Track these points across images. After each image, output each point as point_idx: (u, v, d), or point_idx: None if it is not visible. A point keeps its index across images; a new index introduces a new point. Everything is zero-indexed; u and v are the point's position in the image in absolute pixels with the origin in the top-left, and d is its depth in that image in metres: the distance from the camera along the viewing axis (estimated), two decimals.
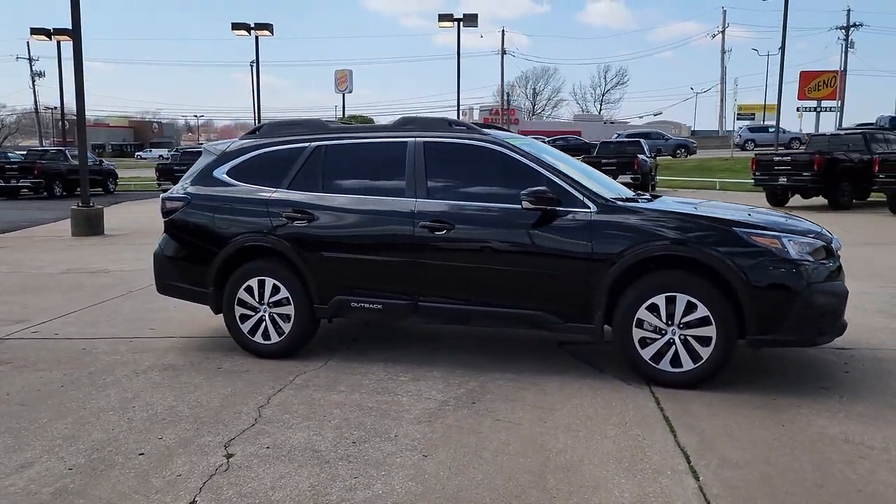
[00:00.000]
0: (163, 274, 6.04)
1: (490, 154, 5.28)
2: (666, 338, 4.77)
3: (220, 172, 5.87)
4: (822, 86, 59.41)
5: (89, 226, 15.13)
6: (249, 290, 5.61)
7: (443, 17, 31.69)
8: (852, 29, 53.09)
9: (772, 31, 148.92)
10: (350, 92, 78.04)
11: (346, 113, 76.32)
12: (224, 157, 5.91)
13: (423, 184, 5.27)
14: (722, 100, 57.13)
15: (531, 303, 5.04)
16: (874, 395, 4.70)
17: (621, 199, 5.11)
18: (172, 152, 38.35)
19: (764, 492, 3.38)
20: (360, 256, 5.37)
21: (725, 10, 66.18)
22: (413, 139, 5.41)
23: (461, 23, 31.23)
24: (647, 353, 4.82)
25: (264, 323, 5.61)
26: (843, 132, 23.31)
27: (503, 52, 48.46)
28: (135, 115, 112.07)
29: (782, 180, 19.19)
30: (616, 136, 44.61)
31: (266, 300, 5.58)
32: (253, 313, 5.63)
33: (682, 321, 4.71)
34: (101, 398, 4.84)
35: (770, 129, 42.22)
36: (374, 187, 5.45)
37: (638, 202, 5.17)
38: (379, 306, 5.35)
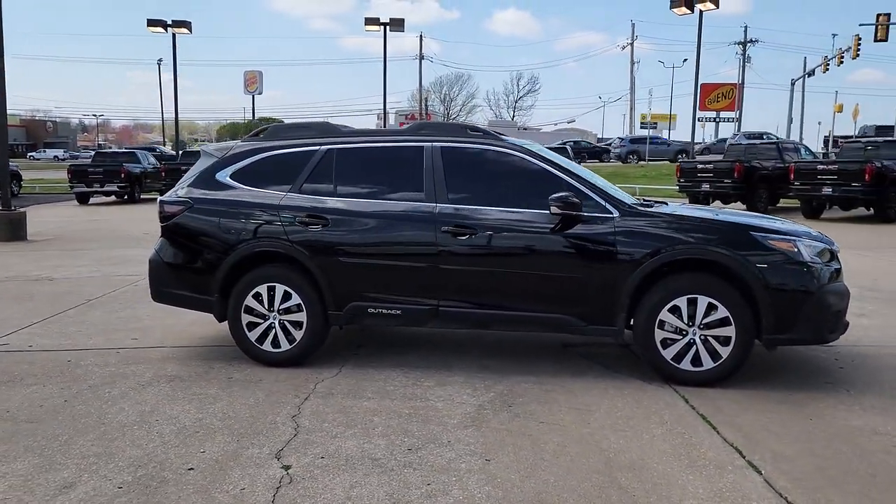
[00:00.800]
0: (160, 281, 5.77)
1: (510, 160, 5.33)
2: (687, 338, 4.94)
3: (224, 176, 5.67)
4: (720, 97, 62.53)
5: (12, 230, 14.24)
6: (258, 296, 5.44)
7: (369, 21, 31.53)
8: (749, 44, 56.20)
9: (675, 44, 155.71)
10: (260, 93, 76.43)
11: (256, 115, 74.73)
12: (227, 160, 5.72)
13: (442, 189, 5.27)
14: (632, 109, 59.23)
15: (555, 306, 5.12)
16: (875, 388, 5.02)
17: (641, 205, 5.27)
18: (70, 153, 36.43)
19: (826, 483, 3.56)
20: (378, 262, 5.31)
21: (634, 23, 68.73)
22: (430, 144, 5.40)
23: (387, 27, 31.21)
24: (668, 354, 4.98)
25: (274, 331, 5.45)
26: (757, 142, 24.56)
27: (421, 57, 48.60)
28: (24, 114, 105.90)
29: (705, 187, 20.12)
30: (619, 139, 45.26)
31: (276, 307, 5.43)
32: (261, 321, 5.47)
33: (702, 322, 4.90)
34: (116, 412, 4.60)
35: (764, 137, 43.67)
36: (391, 192, 5.40)
37: (652, 207, 5.34)
38: (398, 311, 5.30)
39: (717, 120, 65.05)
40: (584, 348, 5.97)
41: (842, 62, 45.36)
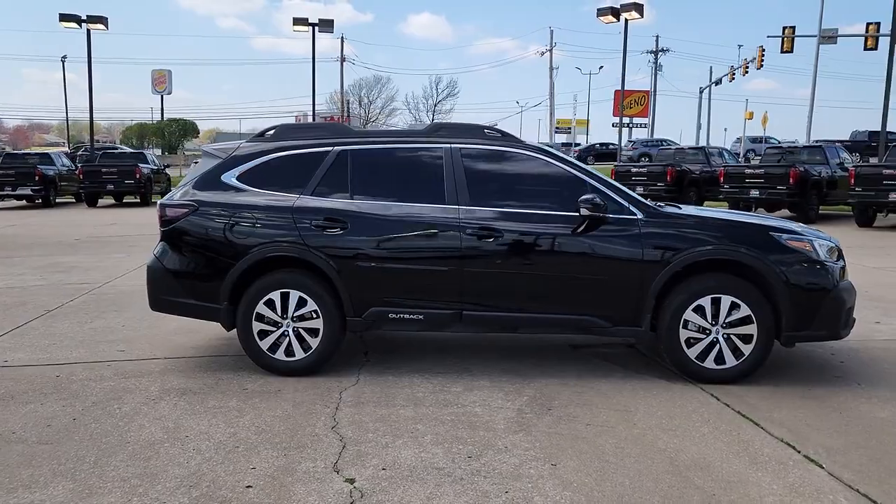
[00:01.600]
0: (160, 288, 5.44)
1: (531, 162, 5.31)
2: (710, 337, 5.03)
3: (230, 177, 5.41)
4: (633, 104, 64.57)
5: None
6: (270, 303, 5.21)
7: (297, 21, 30.91)
8: (660, 53, 58.29)
9: (590, 51, 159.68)
10: (169, 93, 74.02)
11: (166, 115, 72.22)
12: (233, 161, 5.46)
13: (464, 191, 5.19)
14: (551, 114, 60.43)
15: (581, 308, 5.12)
16: (882, 380, 5.25)
17: (661, 206, 5.34)
18: None
19: (887, 474, 3.69)
20: (401, 266, 5.18)
21: (552, 30, 70.68)
22: (448, 145, 5.31)
23: (316, 28, 30.69)
24: (692, 353, 5.06)
25: (287, 339, 5.24)
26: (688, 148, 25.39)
27: (342, 60, 48.01)
28: None
29: (639, 189, 20.67)
30: (631, 143, 45.03)
31: (290, 314, 5.22)
32: (274, 329, 5.24)
33: (725, 321, 5.00)
34: (136, 430, 4.30)
35: (769, 141, 44.38)
36: (410, 194, 5.28)
37: (672, 208, 5.41)
38: (420, 316, 5.19)
39: (631, 126, 67.08)
40: (593, 349, 6.00)
41: (747, 72, 47.64)
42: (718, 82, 52.39)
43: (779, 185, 18.18)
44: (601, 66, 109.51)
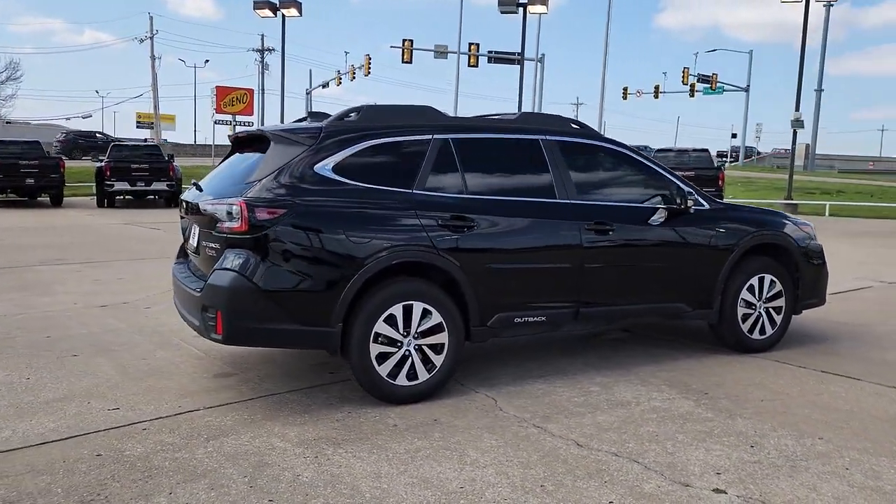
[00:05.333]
0: (249, 315, 4.09)
1: (616, 156, 5.34)
2: (756, 312, 5.69)
3: (325, 168, 4.32)
4: (236, 101, 63.55)
5: None
6: (391, 319, 4.35)
7: None
8: (266, 53, 58.45)
9: (196, 44, 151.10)
10: None
11: None
12: (322, 149, 4.36)
13: (571, 185, 4.99)
14: (156, 107, 55.82)
15: (674, 295, 5.34)
16: (833, 337, 6.42)
17: (715, 200, 5.79)
18: None
19: None
20: (529, 265, 4.76)
21: (152, 17, 65.66)
22: (544, 137, 5.03)
23: None
24: (745, 327, 5.66)
25: (410, 359, 4.43)
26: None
27: None
28: None
29: None
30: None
31: (413, 330, 4.42)
32: (395, 349, 4.39)
33: (767, 296, 5.72)
34: (383, 495, 3.32)
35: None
36: (520, 188, 4.88)
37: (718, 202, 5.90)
38: (543, 318, 4.85)
39: (234, 123, 65.93)
40: (603, 336, 6.21)
41: (354, 77, 50.63)
42: (325, 85, 54.56)
43: None
44: (207, 60, 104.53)
